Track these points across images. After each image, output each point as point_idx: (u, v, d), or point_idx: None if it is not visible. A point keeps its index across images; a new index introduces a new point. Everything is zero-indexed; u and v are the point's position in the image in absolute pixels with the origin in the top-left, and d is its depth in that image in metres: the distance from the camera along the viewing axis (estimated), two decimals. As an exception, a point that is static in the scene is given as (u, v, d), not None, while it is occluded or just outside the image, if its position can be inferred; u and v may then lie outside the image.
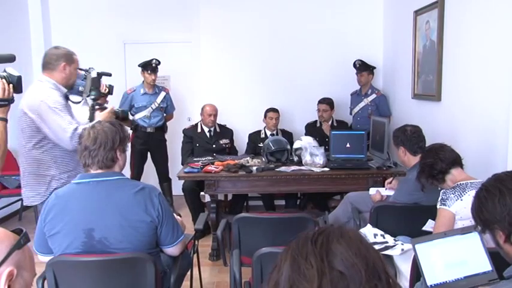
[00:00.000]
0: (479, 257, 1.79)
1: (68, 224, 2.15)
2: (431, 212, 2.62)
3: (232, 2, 5.89)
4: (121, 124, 2.37)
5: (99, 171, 2.24)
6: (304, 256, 0.96)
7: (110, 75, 3.34)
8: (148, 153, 5.55)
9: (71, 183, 2.28)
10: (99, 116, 3.15)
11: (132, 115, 5.37)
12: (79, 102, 3.29)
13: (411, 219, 2.95)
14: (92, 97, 3.22)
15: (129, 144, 3.87)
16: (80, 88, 3.28)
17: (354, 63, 5.51)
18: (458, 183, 2.59)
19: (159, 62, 5.40)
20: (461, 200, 2.50)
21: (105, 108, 3.25)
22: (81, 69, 3.24)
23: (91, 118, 3.11)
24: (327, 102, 5.41)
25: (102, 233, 2.14)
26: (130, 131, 3.32)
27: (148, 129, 5.43)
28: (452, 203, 2.52)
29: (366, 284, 0.91)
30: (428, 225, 2.72)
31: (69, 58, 3.11)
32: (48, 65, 3.05)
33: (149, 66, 5.34)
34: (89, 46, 6.01)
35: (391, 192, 3.53)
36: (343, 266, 0.93)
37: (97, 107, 3.24)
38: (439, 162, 2.67)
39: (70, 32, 6.09)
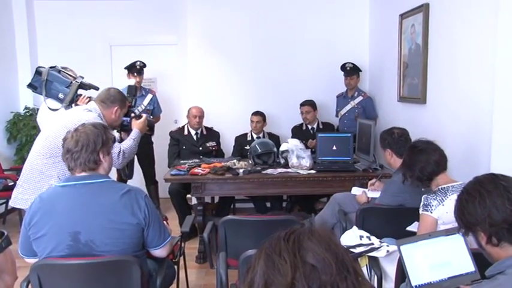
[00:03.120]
0: (462, 258, 1.82)
1: (53, 227, 2.13)
2: (416, 214, 2.64)
3: (220, 4, 5.88)
4: (104, 126, 2.37)
5: (84, 173, 2.23)
6: (278, 253, 1.02)
7: (96, 88, 3.38)
8: (135, 156, 5.50)
9: (56, 186, 2.26)
10: (136, 124, 3.30)
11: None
12: (57, 109, 3.28)
13: (396, 221, 2.95)
14: (130, 103, 3.36)
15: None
16: (60, 95, 3.27)
17: (344, 66, 5.51)
18: (440, 187, 2.59)
19: (144, 64, 5.38)
20: (443, 205, 2.51)
21: (141, 116, 3.37)
22: (69, 75, 3.25)
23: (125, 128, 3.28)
24: (309, 104, 5.43)
25: (88, 235, 2.12)
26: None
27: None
28: (434, 208, 2.52)
29: (337, 275, 0.98)
30: (414, 227, 2.74)
31: (123, 104, 3.23)
32: (102, 102, 3.13)
33: (134, 69, 5.32)
34: (75, 48, 5.99)
35: (376, 194, 3.55)
36: (315, 259, 0.99)
37: (132, 114, 3.34)
38: (432, 165, 2.63)
39: (56, 35, 6.06)
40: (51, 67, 3.40)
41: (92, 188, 2.19)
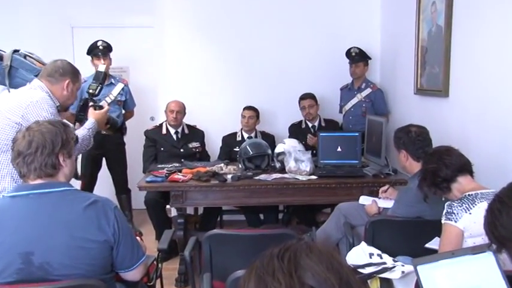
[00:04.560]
0: (494, 282, 1.79)
1: (0, 247, 2.08)
2: (438, 228, 2.62)
3: (204, -20, 5.88)
4: (64, 124, 2.33)
5: (39, 181, 2.18)
6: (271, 273, 1.01)
7: None
8: (103, 159, 5.48)
9: (3, 197, 2.22)
10: (93, 114, 3.31)
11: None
12: None
13: (413, 236, 2.95)
14: (91, 91, 3.45)
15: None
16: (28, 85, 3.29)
17: (349, 51, 5.50)
18: (467, 193, 2.59)
19: (109, 45, 5.33)
20: (470, 213, 2.50)
21: (102, 107, 3.41)
22: (38, 62, 3.32)
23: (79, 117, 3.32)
24: (311, 97, 5.44)
25: (43, 256, 2.07)
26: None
27: (103, 130, 5.32)
28: (460, 217, 2.52)
29: None
30: (434, 243, 2.73)
31: (76, 77, 3.25)
32: (50, 76, 3.15)
33: (96, 50, 5.26)
34: (29, 30, 5.91)
35: (389, 204, 3.54)
36: (315, 280, 0.99)
37: (91, 103, 3.39)
38: (444, 168, 2.67)
39: (6, 15, 5.97)
40: (14, 51, 3.38)
41: (49, 199, 2.15)
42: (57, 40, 6.04)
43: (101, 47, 5.28)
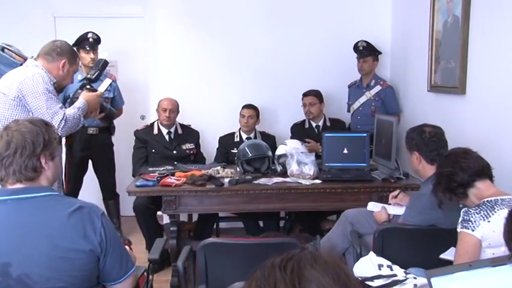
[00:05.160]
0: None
1: (-25, 257, 2.07)
2: (454, 237, 2.61)
3: (199, -33, 5.88)
4: (46, 123, 2.32)
5: (19, 185, 2.17)
6: (273, 285, 1.02)
7: None
8: (90, 161, 5.48)
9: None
10: (84, 95, 3.53)
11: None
12: None
13: (426, 246, 2.95)
14: (88, 76, 3.71)
15: (64, 149, 3.83)
16: None
17: (356, 45, 5.51)
18: (485, 200, 2.58)
19: (98, 37, 5.33)
20: (489, 221, 2.49)
21: (96, 91, 3.67)
22: (17, 55, 3.52)
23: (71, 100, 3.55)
24: (314, 94, 5.45)
25: (22, 268, 2.06)
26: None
27: (90, 130, 5.34)
28: (477, 225, 2.51)
29: None
30: (449, 254, 2.72)
31: (73, 58, 3.52)
32: (47, 55, 3.42)
33: (85, 42, 5.26)
34: (9, 20, 5.89)
35: (400, 211, 3.54)
36: None
37: (88, 87, 3.65)
38: (460, 172, 2.67)
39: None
40: None
41: (30, 205, 2.14)
42: (39, 31, 6.00)
43: (91, 40, 5.27)
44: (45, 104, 3.29)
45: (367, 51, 5.48)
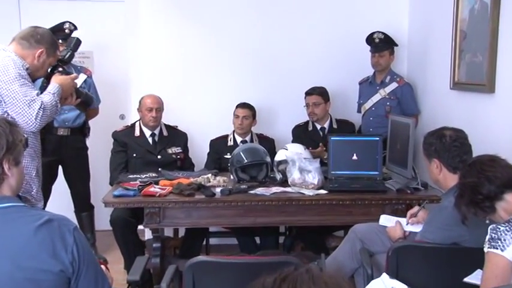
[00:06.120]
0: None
1: None
2: (480, 258, 2.60)
3: None
4: (10, 123, 2.30)
5: (-23, 195, 2.17)
6: None
7: None
8: (60, 168, 5.48)
9: None
10: (56, 78, 3.57)
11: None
12: None
13: (448, 268, 2.96)
14: (61, 57, 3.75)
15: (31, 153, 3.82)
16: None
17: (371, 37, 5.51)
18: (516, 215, 2.59)
19: (75, 27, 5.32)
20: (521, 240, 2.50)
21: (69, 74, 3.72)
22: None
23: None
24: (318, 92, 5.44)
25: (-19, 291, 2.06)
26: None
27: (60, 131, 5.34)
28: (508, 244, 2.50)
29: None
30: (475, 277, 2.71)
31: (52, 49, 3.60)
32: (23, 40, 3.48)
33: (60, 33, 5.22)
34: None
35: (417, 227, 3.54)
36: None
37: (60, 69, 3.68)
38: (486, 182, 2.66)
39: None
40: None
41: (-9, 217, 2.13)
42: (1, 15, 6.02)
43: (67, 31, 5.26)
44: (20, 90, 3.31)
45: (383, 44, 5.48)
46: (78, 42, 3.98)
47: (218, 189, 4.30)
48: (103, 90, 5.67)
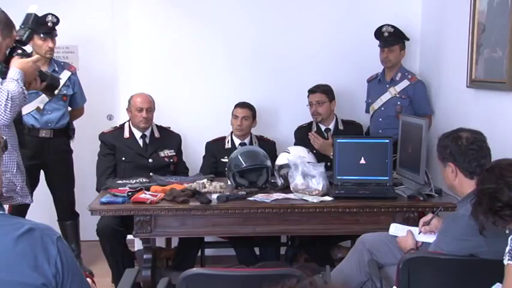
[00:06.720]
0: None
1: None
2: (499, 270, 2.61)
3: None
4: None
5: (-50, 201, 2.17)
6: None
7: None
8: (42, 173, 5.47)
9: None
10: (16, 62, 3.49)
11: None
12: None
13: (464, 281, 2.97)
14: (18, 37, 3.65)
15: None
16: None
17: (380, 31, 5.51)
18: (539, 225, 2.59)
19: (58, 20, 5.30)
20: (544, 252, 2.50)
21: (30, 55, 3.63)
22: None
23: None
24: (322, 90, 5.44)
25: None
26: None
27: (43, 133, 5.34)
28: (530, 256, 2.51)
29: None
30: (495, 291, 2.72)
31: (8, 30, 3.50)
32: None
33: (43, 27, 5.21)
34: None
35: (431, 238, 3.54)
36: None
37: (19, 51, 3.58)
38: (506, 189, 2.65)
39: None
40: None
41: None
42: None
43: (50, 24, 5.23)
44: None
45: (393, 38, 5.48)
46: (36, 18, 3.88)
47: (214, 196, 4.29)
48: (89, 89, 5.68)
